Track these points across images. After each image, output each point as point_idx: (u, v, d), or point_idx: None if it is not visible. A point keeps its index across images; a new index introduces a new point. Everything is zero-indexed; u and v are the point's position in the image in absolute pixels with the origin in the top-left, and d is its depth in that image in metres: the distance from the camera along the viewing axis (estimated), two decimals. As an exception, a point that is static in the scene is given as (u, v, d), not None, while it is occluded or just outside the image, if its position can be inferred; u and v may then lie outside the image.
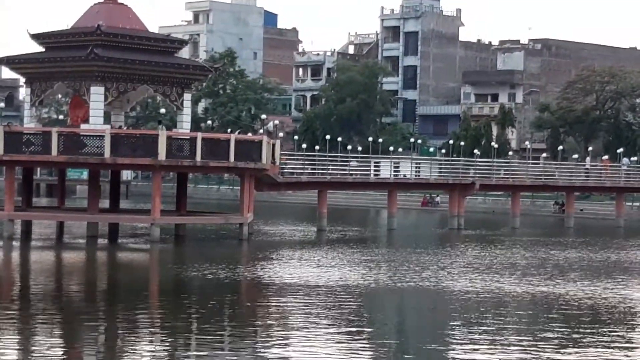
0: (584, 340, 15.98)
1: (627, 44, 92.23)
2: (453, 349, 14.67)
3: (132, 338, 15.40)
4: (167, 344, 14.57)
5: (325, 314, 18.09)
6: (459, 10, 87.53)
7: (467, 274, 25.01)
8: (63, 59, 33.30)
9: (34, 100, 35.75)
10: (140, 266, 27.96)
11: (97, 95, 32.22)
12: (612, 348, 14.92)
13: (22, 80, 43.66)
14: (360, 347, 14.72)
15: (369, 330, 16.70)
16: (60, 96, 43.03)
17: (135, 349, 14.52)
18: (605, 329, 17.12)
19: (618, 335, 16.68)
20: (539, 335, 16.10)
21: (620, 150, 56.89)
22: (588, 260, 30.23)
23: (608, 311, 19.52)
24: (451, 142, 62.60)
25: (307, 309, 18.65)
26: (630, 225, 48.15)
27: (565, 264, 28.61)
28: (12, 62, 35.71)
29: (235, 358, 13.93)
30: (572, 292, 21.95)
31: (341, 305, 19.08)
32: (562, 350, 14.68)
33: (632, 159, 55.91)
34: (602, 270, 27.34)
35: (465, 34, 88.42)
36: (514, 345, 15.19)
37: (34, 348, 14.39)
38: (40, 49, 34.74)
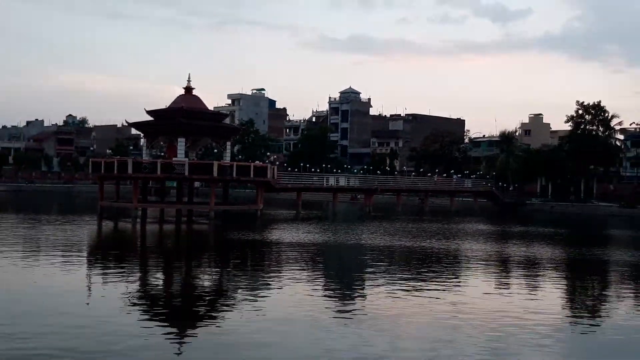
0: (428, 273, 22.41)
1: (456, 116, 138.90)
2: (367, 278, 21.38)
3: (201, 269, 23.82)
4: (222, 273, 22.10)
5: (300, 257, 26.30)
6: (369, 99, 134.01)
7: (372, 236, 36.39)
8: (163, 124, 47.60)
9: (148, 145, 51.64)
10: (204, 233, 40.12)
11: (181, 143, 46.85)
12: (445, 278, 21.35)
13: (141, 135, 59.10)
14: (319, 273, 22.77)
15: (323, 265, 25.06)
16: (162, 143, 53.84)
17: (203, 273, 22.47)
18: (441, 267, 24.41)
19: (449, 270, 24.04)
20: (416, 270, 23.13)
21: (452, 171, 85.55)
22: (436, 228, 43.64)
23: (444, 256, 27.58)
24: (365, 167, 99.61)
25: (290, 254, 27.35)
26: (458, 211, 69.61)
27: (423, 230, 41.41)
28: (136, 125, 51.15)
29: (255, 280, 20.49)
30: (426, 245, 31.97)
31: (308, 252, 28.00)
32: (419, 277, 21.49)
33: (457, 175, 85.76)
34: (441, 233, 39.52)
35: (373, 111, 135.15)
36: (400, 273, 22.41)
37: (149, 278, 22.30)
38: (150, 118, 49.37)
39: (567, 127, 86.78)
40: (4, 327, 13.07)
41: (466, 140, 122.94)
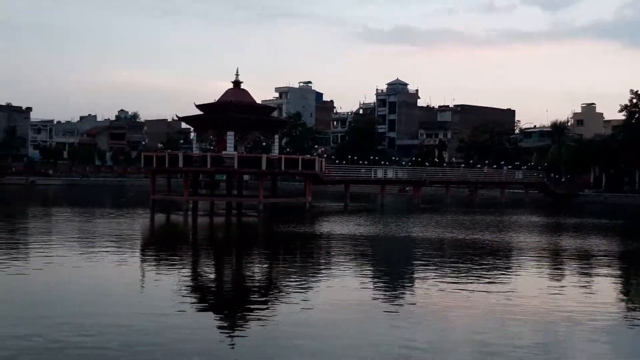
0: (480, 266, 21.82)
1: (505, 106, 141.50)
2: (417, 270, 21.40)
3: (251, 261, 24.04)
4: (272, 265, 22.60)
5: (349, 250, 26.44)
6: (417, 90, 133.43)
7: (423, 228, 36.19)
8: (213, 118, 48.43)
9: (198, 139, 53.14)
10: (252, 225, 40.83)
11: (230, 136, 47.60)
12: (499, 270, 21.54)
13: (191, 128, 59.98)
14: (369, 266, 22.79)
15: (373, 258, 24.92)
16: (211, 137, 55.46)
17: (253, 265, 22.68)
18: (493, 259, 23.94)
19: (501, 262, 23.87)
20: (468, 262, 22.61)
21: (502, 162, 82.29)
22: (487, 220, 43.07)
23: (496, 249, 27.19)
24: (413, 159, 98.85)
25: (339, 246, 27.61)
26: (507, 203, 68.60)
27: (474, 222, 40.70)
28: (186, 119, 52.12)
29: (304, 272, 20.62)
30: (478, 238, 31.48)
31: (358, 245, 27.99)
32: (473, 269, 21.31)
33: (508, 167, 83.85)
34: (494, 225, 38.80)
35: (420, 102, 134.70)
36: (451, 266, 22.26)
37: (200, 269, 22.92)
38: (200, 112, 50.17)
39: (621, 116, 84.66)
40: (61, 318, 13.45)
41: (516, 131, 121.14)
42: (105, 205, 59.82)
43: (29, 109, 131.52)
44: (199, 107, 50.55)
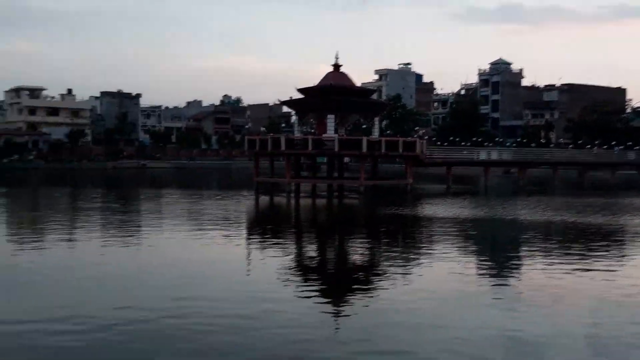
0: (592, 251, 20.75)
1: (616, 84, 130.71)
2: (523, 254, 20.55)
3: (353, 243, 23.91)
4: (373, 247, 22.52)
5: (453, 232, 25.93)
6: (521, 69, 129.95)
7: (531, 211, 34.98)
8: (313, 101, 48.98)
9: (299, 122, 53.50)
10: (353, 207, 41.13)
11: (331, 119, 48.26)
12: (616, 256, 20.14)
13: (293, 112, 61.38)
14: (473, 249, 22.29)
15: (477, 241, 24.29)
16: (312, 120, 56.05)
17: (355, 247, 23.09)
18: (606, 244, 22.66)
19: (615, 247, 22.45)
20: (578, 247, 21.81)
21: (613, 143, 77.36)
22: (600, 203, 41.10)
23: (610, 233, 25.62)
24: (518, 140, 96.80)
25: (442, 229, 27.03)
26: (619, 185, 65.17)
27: (586, 205, 38.78)
28: (287, 103, 53.46)
29: (406, 254, 20.64)
30: (590, 221, 30.07)
31: (461, 227, 27.41)
32: (586, 254, 20.28)
33: (619, 147, 78.48)
34: (607, 208, 36.76)
35: (525, 81, 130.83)
36: (560, 250, 21.50)
37: (304, 251, 23.22)
38: (301, 95, 51.07)
39: None
40: (171, 293, 13.91)
41: (628, 110, 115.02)
42: (212, 187, 61.56)
43: (138, 95, 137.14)
44: (300, 90, 51.06)
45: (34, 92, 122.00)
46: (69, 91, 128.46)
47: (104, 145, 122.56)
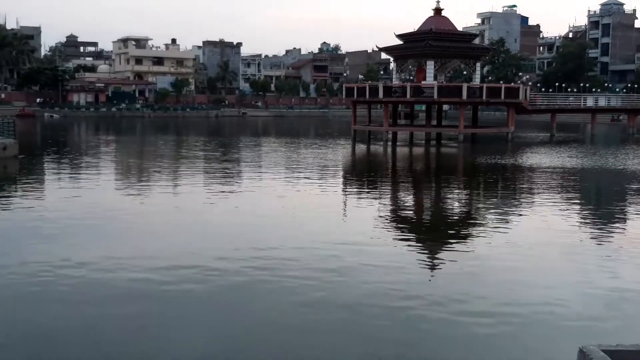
0: None
1: None
2: (631, 207, 20.33)
3: (451, 192, 24.75)
4: (472, 197, 22.98)
5: (555, 183, 25.49)
6: (634, 10, 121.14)
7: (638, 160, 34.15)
8: (413, 47, 48.15)
9: (397, 70, 53.28)
10: (452, 156, 41.00)
11: (430, 65, 47.46)
12: None
13: (391, 58, 61.85)
14: (577, 201, 21.71)
15: (581, 193, 24.06)
16: (411, 67, 55.06)
17: (453, 196, 23.66)
18: None
19: None
20: None
21: None
22: None
23: None
24: (629, 85, 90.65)
25: (545, 180, 26.49)
26: None
27: None
28: (385, 50, 52.81)
29: (506, 205, 21.02)
30: None
31: (564, 178, 27.04)
32: None
33: None
34: None
35: (638, 23, 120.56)
36: None
37: (400, 200, 23.69)
38: (400, 42, 50.07)
39: None
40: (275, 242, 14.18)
41: None
42: (309, 135, 62.10)
43: (239, 44, 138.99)
44: (399, 37, 50.17)
45: (140, 42, 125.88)
46: (173, 41, 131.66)
47: (206, 94, 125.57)
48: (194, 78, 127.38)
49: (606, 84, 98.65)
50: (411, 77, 62.87)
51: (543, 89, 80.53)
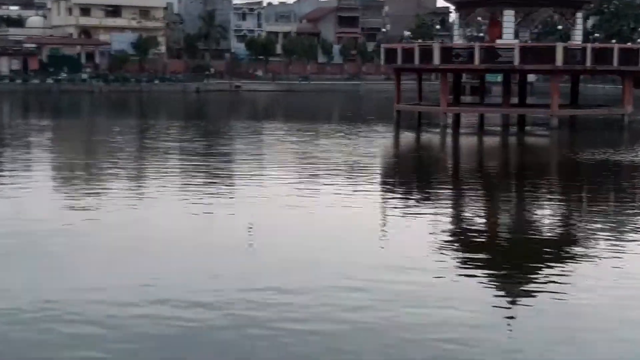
0: None
1: None
2: None
3: (538, 201, 24.43)
4: (569, 209, 22.74)
5: None
6: None
7: None
8: None
9: (461, 23, 52.51)
10: (541, 148, 41.09)
11: (509, 17, 47.36)
12: None
13: (451, 7, 61.65)
14: None
15: None
16: (480, 18, 55.47)
17: (541, 207, 23.09)
18: None
19: None
20: None
21: None
22: None
23: None
24: None
25: None
26: None
27: None
28: None
29: (620, 223, 20.45)
30: None
31: None
32: None
33: None
34: None
35: None
36: None
37: (463, 211, 23.69)
38: None
39: None
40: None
41: None
42: (332, 118, 62.03)
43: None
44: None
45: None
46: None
47: (183, 59, 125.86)
48: (166, 36, 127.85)
49: None
50: (481, 34, 63.75)
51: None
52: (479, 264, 15.94)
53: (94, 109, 73.63)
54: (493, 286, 14.25)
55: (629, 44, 58.95)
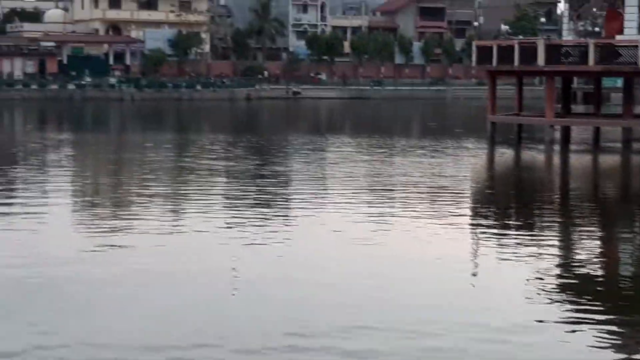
0: None
1: None
2: None
3: None
4: None
5: None
6: None
7: None
8: None
9: (572, 15, 51.85)
10: None
11: (632, 8, 46.58)
12: None
13: None
14: None
15: None
16: (595, 10, 56.01)
17: None
18: None
19: None
20: None
21: None
22: None
23: None
24: None
25: None
26: None
27: None
28: None
29: None
30: None
31: None
32: None
33: None
34: None
35: None
36: None
37: (573, 249, 23.21)
38: None
39: None
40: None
41: None
42: (411, 132, 61.93)
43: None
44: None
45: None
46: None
47: (231, 60, 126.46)
48: (210, 32, 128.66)
49: None
50: (595, 29, 62.97)
51: None
52: (593, 317, 15.62)
53: (123, 120, 74.56)
54: (607, 344, 13.99)
55: None
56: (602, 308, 16.32)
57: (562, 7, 63.43)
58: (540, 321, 14.84)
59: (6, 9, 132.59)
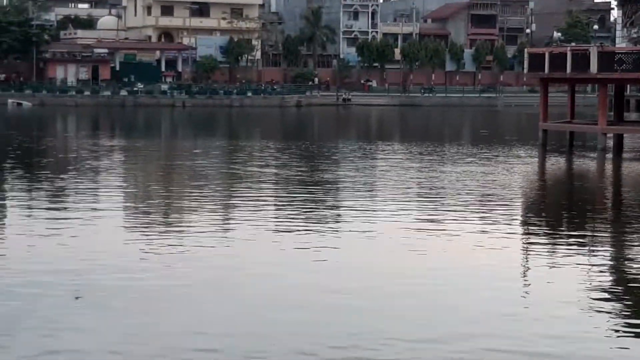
0: None
1: None
2: None
3: None
4: None
5: None
6: None
7: None
8: None
9: (625, 22, 54.07)
10: None
11: None
12: None
13: (613, 3, 62.47)
14: None
15: None
16: None
17: None
18: None
19: None
20: None
21: None
22: None
23: None
24: None
25: None
26: None
27: None
28: None
29: None
30: None
31: None
32: None
33: None
34: None
35: None
36: None
37: (627, 259, 22.24)
38: None
39: None
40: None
41: None
42: (461, 139, 61.69)
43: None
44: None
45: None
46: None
47: (281, 67, 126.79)
48: (261, 39, 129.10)
49: None
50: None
51: None
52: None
53: (175, 126, 74.79)
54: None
55: None
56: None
57: (615, 14, 63.12)
58: (597, 329, 14.71)
59: (60, 15, 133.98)
